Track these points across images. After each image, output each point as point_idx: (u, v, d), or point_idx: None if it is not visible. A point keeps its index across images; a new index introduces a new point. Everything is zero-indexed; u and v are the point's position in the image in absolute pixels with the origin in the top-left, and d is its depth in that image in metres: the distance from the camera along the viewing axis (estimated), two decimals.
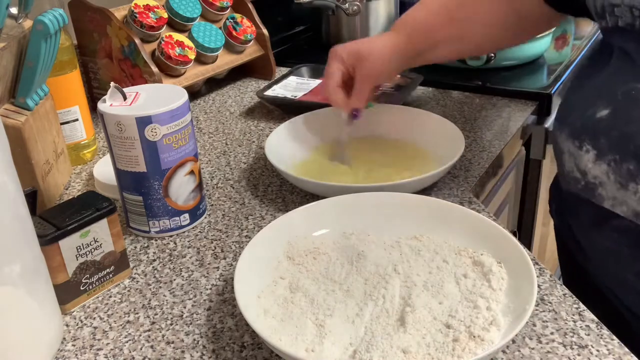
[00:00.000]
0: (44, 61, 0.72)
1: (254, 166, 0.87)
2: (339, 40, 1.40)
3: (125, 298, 0.62)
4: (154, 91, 0.69)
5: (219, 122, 1.03)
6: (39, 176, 0.74)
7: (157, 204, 0.68)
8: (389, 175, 0.79)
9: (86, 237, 0.59)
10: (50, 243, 0.56)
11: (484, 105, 1.04)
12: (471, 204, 0.74)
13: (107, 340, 0.56)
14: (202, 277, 0.64)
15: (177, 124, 0.66)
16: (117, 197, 0.73)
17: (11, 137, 0.55)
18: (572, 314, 0.56)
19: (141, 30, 0.99)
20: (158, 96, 0.67)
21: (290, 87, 1.07)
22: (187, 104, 0.67)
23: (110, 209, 0.61)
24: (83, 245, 0.59)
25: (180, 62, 1.00)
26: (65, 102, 0.86)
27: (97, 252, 0.61)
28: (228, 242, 0.70)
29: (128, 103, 0.66)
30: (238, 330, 0.56)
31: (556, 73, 1.15)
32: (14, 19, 0.74)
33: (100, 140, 0.97)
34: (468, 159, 0.85)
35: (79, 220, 0.58)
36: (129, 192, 0.68)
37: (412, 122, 0.88)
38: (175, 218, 0.70)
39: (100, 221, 0.60)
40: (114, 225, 0.61)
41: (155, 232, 0.70)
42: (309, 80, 1.10)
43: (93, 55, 1.03)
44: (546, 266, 0.62)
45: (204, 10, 1.09)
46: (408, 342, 0.50)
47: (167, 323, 0.58)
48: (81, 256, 0.59)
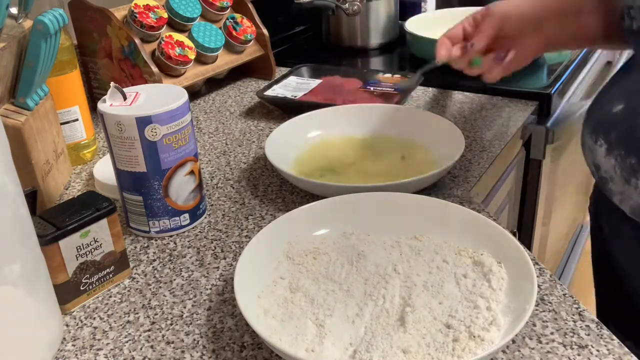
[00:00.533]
0: (44, 61, 0.72)
1: (254, 166, 0.87)
2: (339, 40, 1.41)
3: (125, 298, 0.62)
4: (154, 91, 0.69)
5: (219, 122, 1.03)
6: (39, 176, 0.74)
7: (157, 204, 0.68)
8: (389, 175, 0.79)
9: (86, 237, 0.59)
10: (50, 243, 0.56)
11: (484, 105, 1.04)
12: (471, 204, 0.74)
13: (107, 340, 0.56)
14: (202, 277, 0.64)
15: (177, 124, 0.66)
16: (117, 197, 0.73)
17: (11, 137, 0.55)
18: (572, 314, 0.56)
19: (141, 30, 0.99)
20: (158, 96, 0.67)
21: (290, 87, 1.07)
22: (187, 104, 0.67)
23: (110, 209, 0.61)
24: (83, 245, 0.59)
25: (180, 62, 1.00)
26: (65, 102, 0.86)
27: (97, 252, 0.60)
28: (228, 242, 0.70)
29: (128, 103, 0.66)
30: (238, 330, 0.56)
31: (556, 73, 1.15)
32: (14, 19, 0.74)
33: (100, 140, 0.97)
34: (468, 159, 0.85)
35: (79, 220, 0.58)
36: (129, 192, 0.68)
37: (412, 122, 0.88)
38: (175, 218, 0.70)
39: (100, 221, 0.60)
40: (114, 225, 0.61)
41: (155, 232, 0.70)
42: (309, 80, 1.10)
43: (93, 55, 1.03)
44: (546, 266, 0.62)
45: (204, 10, 1.09)
46: (408, 342, 0.50)
47: (167, 323, 0.58)
48: (81, 256, 0.59)
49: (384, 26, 1.38)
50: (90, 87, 1.07)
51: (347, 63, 1.34)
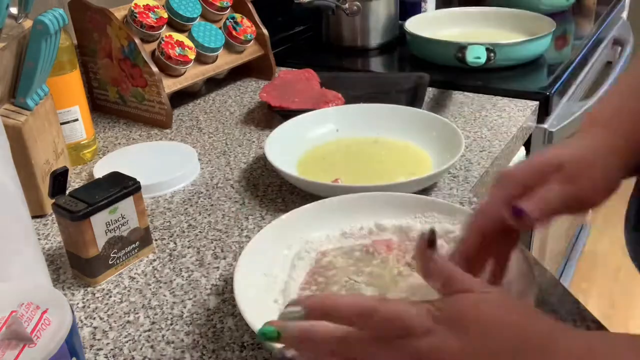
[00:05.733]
0: (44, 61, 0.72)
1: (254, 166, 0.87)
2: (339, 40, 1.41)
3: (125, 298, 0.62)
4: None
5: (219, 122, 1.03)
6: (39, 176, 0.74)
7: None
8: (389, 176, 0.79)
9: (114, 213, 0.62)
10: (82, 219, 0.60)
11: (484, 105, 1.04)
12: (471, 204, 0.74)
13: (107, 340, 0.56)
14: (202, 277, 0.64)
15: None
16: None
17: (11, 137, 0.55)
18: (572, 314, 0.56)
19: (141, 30, 0.99)
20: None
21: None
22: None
23: (136, 187, 0.64)
24: (112, 221, 0.62)
25: (180, 62, 1.00)
26: (65, 102, 0.86)
27: (124, 227, 0.64)
28: (228, 242, 0.70)
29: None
30: (238, 330, 0.56)
31: (556, 73, 1.15)
32: (14, 19, 0.74)
33: (100, 140, 0.97)
34: (468, 159, 0.85)
35: (108, 197, 0.62)
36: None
37: (412, 122, 0.88)
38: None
39: (127, 198, 0.63)
40: (139, 203, 0.65)
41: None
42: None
43: (93, 55, 1.03)
44: (546, 266, 0.62)
45: (204, 10, 1.09)
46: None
47: (167, 323, 0.58)
48: (110, 232, 0.63)
49: (384, 26, 1.38)
50: (90, 87, 1.07)
51: (347, 63, 1.34)
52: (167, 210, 0.77)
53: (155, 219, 0.75)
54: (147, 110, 1.02)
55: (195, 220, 0.74)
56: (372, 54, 1.38)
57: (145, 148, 0.92)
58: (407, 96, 1.05)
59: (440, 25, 1.36)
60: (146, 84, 0.99)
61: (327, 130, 0.90)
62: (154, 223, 0.74)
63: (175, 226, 0.73)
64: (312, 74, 1.06)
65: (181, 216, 0.75)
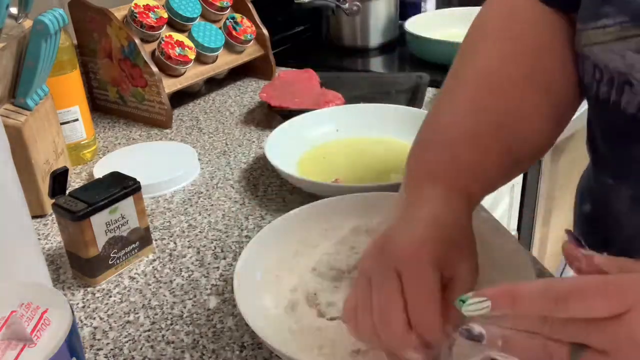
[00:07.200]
0: (44, 61, 0.72)
1: (254, 166, 0.87)
2: (339, 40, 1.41)
3: (125, 298, 0.62)
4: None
5: (219, 122, 1.03)
6: (39, 176, 0.74)
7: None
8: (389, 175, 0.79)
9: (114, 213, 0.62)
10: (82, 219, 0.60)
11: None
12: None
13: (107, 340, 0.56)
14: (202, 277, 0.64)
15: None
16: None
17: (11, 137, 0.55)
18: None
19: (141, 30, 0.99)
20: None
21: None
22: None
23: (136, 187, 0.64)
24: (112, 221, 0.63)
25: (180, 62, 1.00)
26: (65, 102, 0.86)
27: (124, 227, 0.64)
28: (228, 242, 0.70)
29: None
30: (238, 330, 0.56)
31: None
32: (14, 19, 0.74)
33: (100, 140, 0.97)
34: None
35: (108, 197, 0.62)
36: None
37: (412, 122, 0.88)
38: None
39: (127, 198, 0.63)
40: (139, 203, 0.65)
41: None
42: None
43: (93, 55, 1.03)
44: (546, 266, 0.62)
45: (204, 10, 1.09)
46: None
47: (167, 323, 0.58)
48: (110, 232, 0.63)
49: (384, 26, 1.38)
50: (90, 87, 1.07)
51: (347, 63, 1.34)
52: (167, 210, 0.77)
53: (155, 219, 0.75)
54: (147, 110, 1.02)
55: (195, 220, 0.75)
56: (372, 54, 1.38)
57: (145, 148, 0.92)
58: (407, 96, 1.05)
59: (440, 25, 1.36)
60: (146, 84, 0.99)
61: (327, 130, 0.90)
62: (154, 223, 0.74)
63: (175, 226, 0.73)
64: (312, 74, 1.06)
65: (181, 216, 0.75)
